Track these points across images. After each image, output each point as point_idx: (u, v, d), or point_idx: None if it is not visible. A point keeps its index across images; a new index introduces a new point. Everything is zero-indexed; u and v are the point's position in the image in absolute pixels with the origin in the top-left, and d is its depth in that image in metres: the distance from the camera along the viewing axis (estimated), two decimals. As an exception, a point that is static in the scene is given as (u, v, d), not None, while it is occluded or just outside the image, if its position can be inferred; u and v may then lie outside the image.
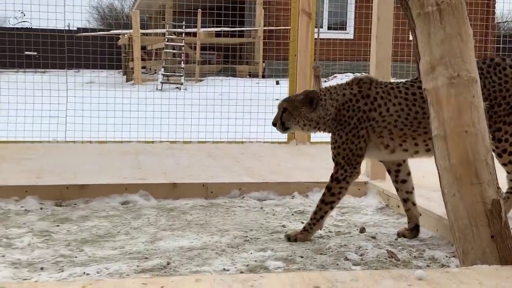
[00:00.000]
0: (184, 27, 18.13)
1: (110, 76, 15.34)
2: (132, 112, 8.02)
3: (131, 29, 18.42)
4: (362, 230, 3.95)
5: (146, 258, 3.37)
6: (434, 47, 2.93)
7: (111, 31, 20.60)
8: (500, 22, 22.65)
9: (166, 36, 18.34)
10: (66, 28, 10.40)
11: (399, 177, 3.89)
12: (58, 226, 4.02)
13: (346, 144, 3.64)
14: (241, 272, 3.15)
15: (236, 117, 8.42)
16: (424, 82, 3.02)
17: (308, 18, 7.04)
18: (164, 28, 19.04)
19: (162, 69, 17.63)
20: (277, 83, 11.69)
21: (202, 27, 18.37)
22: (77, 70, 15.28)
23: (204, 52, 19.66)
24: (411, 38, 3.22)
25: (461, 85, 2.88)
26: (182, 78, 17.27)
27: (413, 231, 3.89)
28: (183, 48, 18.27)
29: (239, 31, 19.29)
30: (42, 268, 3.20)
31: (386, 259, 3.42)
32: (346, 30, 18.63)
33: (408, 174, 3.90)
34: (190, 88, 14.72)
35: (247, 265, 3.27)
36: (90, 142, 7.17)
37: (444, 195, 2.96)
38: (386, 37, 5.01)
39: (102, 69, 16.16)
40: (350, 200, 4.83)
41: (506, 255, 2.81)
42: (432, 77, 2.95)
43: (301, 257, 3.42)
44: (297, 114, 3.72)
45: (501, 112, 3.62)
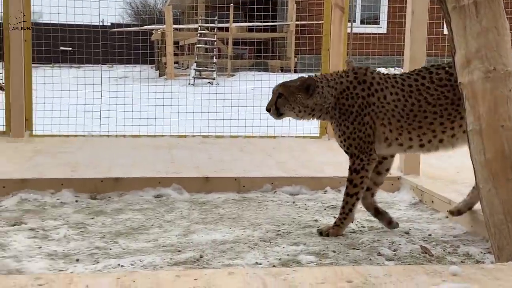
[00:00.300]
0: (216, 22, 18.18)
1: (143, 71, 15.48)
2: (165, 106, 8.08)
3: (164, 24, 18.54)
4: (395, 226, 3.92)
5: (179, 251, 3.41)
6: (470, 40, 2.89)
7: (144, 27, 20.78)
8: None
9: (199, 31, 18.42)
10: (100, 23, 10.50)
11: (377, 168, 3.86)
12: (93, 218, 4.08)
13: (355, 133, 3.61)
14: (274, 266, 3.16)
15: (268, 112, 8.40)
16: (460, 76, 2.98)
17: (341, 12, 6.99)
18: (197, 23, 19.12)
19: (195, 64, 17.71)
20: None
21: (234, 22, 18.39)
22: (111, 65, 15.44)
23: (236, 47, 19.69)
24: (446, 32, 3.18)
25: (497, 79, 2.84)
26: (214, 73, 17.33)
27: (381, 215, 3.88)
28: (215, 43, 18.33)
29: (271, 25, 19.26)
30: (77, 260, 3.25)
31: (419, 254, 3.40)
32: (379, 24, 18.45)
33: (387, 169, 3.90)
34: (222, 83, 14.78)
35: (280, 259, 3.27)
36: (124, 136, 7.25)
37: (479, 190, 2.93)
38: (420, 31, 4.95)
39: (135, 64, 16.32)
40: (383, 195, 4.79)
41: (543, 252, 2.76)
42: (467, 71, 2.91)
43: (334, 251, 3.42)
44: (292, 100, 3.67)
45: None
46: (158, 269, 3.11)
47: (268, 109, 3.73)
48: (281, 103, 3.68)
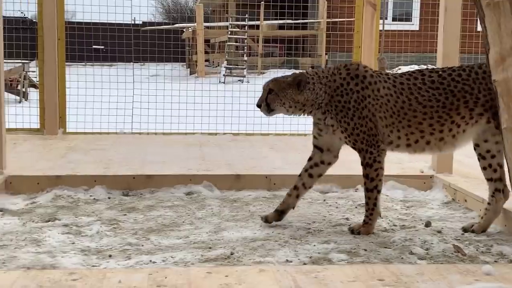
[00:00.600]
0: (247, 20, 18.20)
1: (174, 69, 15.58)
2: (195, 104, 8.12)
3: (195, 22, 18.64)
4: (428, 224, 3.89)
5: (210, 248, 3.43)
6: (505, 37, 2.85)
7: (176, 25, 20.91)
8: None
9: (229, 29, 18.47)
10: (132, 22, 10.61)
11: (311, 169, 3.88)
12: (125, 215, 4.13)
13: (357, 128, 3.62)
14: (304, 264, 3.16)
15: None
16: (494, 73, 2.94)
17: (373, 9, 6.94)
18: (227, 21, 19.18)
19: (225, 62, 17.77)
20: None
21: (265, 19, 18.39)
22: (142, 63, 15.57)
23: (267, 45, 19.69)
24: (479, 29, 3.13)
25: (533, 76, 2.79)
26: (245, 70, 17.36)
27: (277, 213, 3.89)
28: (245, 41, 18.36)
29: (302, 23, 19.21)
30: (110, 256, 3.29)
31: (452, 254, 3.36)
32: (411, 21, 18.27)
33: (319, 175, 3.91)
34: (253, 81, 14.78)
35: (310, 257, 3.27)
36: (155, 133, 7.31)
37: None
38: (454, 28, 4.89)
39: (166, 62, 16.43)
40: (415, 193, 4.75)
41: None
42: (502, 68, 2.87)
43: (365, 250, 3.40)
44: (283, 96, 3.68)
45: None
46: (189, 265, 3.13)
47: (258, 105, 3.74)
48: (271, 99, 3.70)
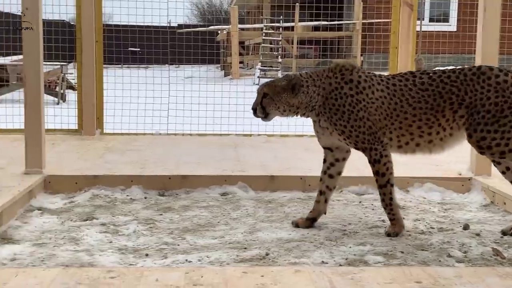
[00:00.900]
0: (281, 21, 18.19)
1: (209, 71, 15.66)
2: (230, 106, 8.14)
3: (229, 24, 18.70)
4: (466, 227, 3.83)
5: (245, 248, 3.43)
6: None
7: (210, 27, 21.02)
8: None
9: (264, 30, 18.49)
10: (168, 24, 10.70)
11: (330, 170, 3.89)
12: (161, 215, 4.16)
13: (355, 131, 3.62)
14: (340, 265, 3.14)
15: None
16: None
17: (410, 10, 6.87)
18: (262, 23, 19.20)
19: (260, 64, 17.79)
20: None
21: (299, 21, 18.36)
22: (177, 65, 15.70)
23: (302, 46, 19.64)
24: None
25: None
26: (279, 72, 17.34)
27: (308, 221, 3.88)
28: (280, 43, 18.35)
29: (337, 24, 19.12)
30: (146, 255, 3.33)
31: (491, 257, 3.30)
32: (448, 22, 18.02)
33: (339, 173, 3.91)
34: (287, 82, 14.73)
35: (346, 259, 3.25)
36: (190, 134, 7.35)
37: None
38: (493, 29, 4.80)
39: (201, 64, 16.53)
40: (452, 196, 4.69)
41: None
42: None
43: (402, 252, 3.37)
44: (278, 100, 3.70)
45: (480, 120, 3.49)
46: (225, 265, 3.14)
47: (254, 109, 3.77)
48: (266, 103, 3.72)
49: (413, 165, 5.36)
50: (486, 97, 3.49)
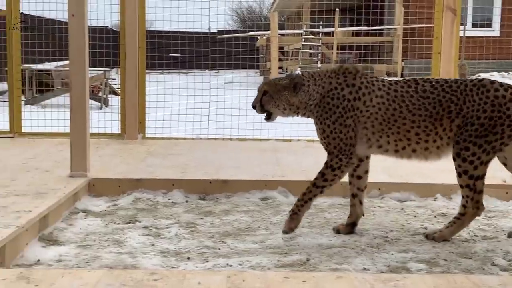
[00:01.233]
0: (321, 26, 18.15)
1: (248, 76, 15.72)
2: (270, 111, 8.15)
3: (269, 30, 18.74)
4: (510, 235, 3.77)
5: (285, 253, 3.44)
6: None
7: (250, 33, 21.11)
8: None
9: (303, 36, 18.47)
10: (207, 30, 10.80)
11: (356, 172, 3.86)
12: (202, 218, 4.20)
13: (335, 133, 3.63)
14: (382, 272, 3.11)
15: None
16: None
17: (453, 15, 6.78)
18: (302, 29, 19.19)
19: (299, 69, 17.77)
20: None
21: (340, 26, 18.28)
22: (217, 70, 15.80)
23: (342, 52, 19.56)
24: None
25: None
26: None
27: (349, 227, 3.87)
28: (319, 48, 18.31)
29: (378, 30, 18.97)
30: (188, 258, 3.36)
31: (537, 266, 3.23)
32: (492, 27, 17.71)
33: (366, 172, 3.89)
34: (327, 88, 14.68)
35: (388, 266, 3.22)
36: (230, 139, 7.40)
37: None
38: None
39: (241, 69, 16.60)
40: (497, 203, 4.60)
41: None
42: None
43: (445, 260, 3.33)
44: (277, 98, 3.72)
45: (472, 132, 3.49)
46: (266, 270, 3.15)
47: (253, 106, 3.80)
48: (266, 101, 3.75)
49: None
50: (483, 109, 3.49)
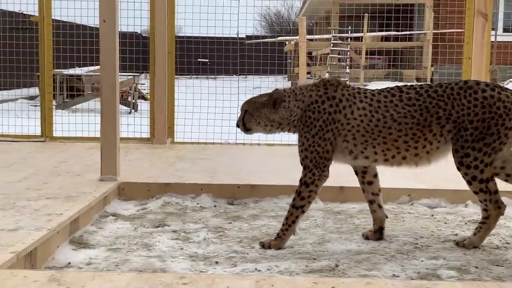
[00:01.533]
0: (350, 31, 18.08)
1: (276, 81, 15.71)
2: (298, 116, 8.14)
3: (297, 35, 18.73)
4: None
5: (314, 259, 3.42)
6: None
7: (279, 38, 21.12)
8: None
9: (332, 41, 18.42)
10: (235, 35, 10.84)
11: (365, 179, 3.84)
12: (230, 223, 4.20)
13: (313, 147, 3.60)
14: (412, 279, 3.08)
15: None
16: None
17: (485, 20, 6.70)
18: (330, 34, 19.14)
19: (327, 75, 17.72)
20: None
21: (369, 31, 18.19)
22: (245, 75, 15.82)
23: (371, 57, 19.45)
24: None
25: None
26: (347, 82, 17.22)
27: (377, 233, 3.84)
28: (348, 53, 18.23)
29: (408, 35, 18.83)
30: (216, 262, 3.37)
31: None
32: (523, 32, 17.46)
33: (375, 175, 3.84)
34: (355, 93, 14.60)
35: (418, 272, 3.19)
36: (259, 144, 7.41)
37: None
38: None
39: (268, 75, 16.61)
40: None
41: None
42: None
43: (476, 267, 3.28)
44: (257, 115, 3.74)
45: (468, 137, 3.45)
46: (294, 275, 3.14)
47: (237, 125, 3.84)
48: (247, 119, 3.78)
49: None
50: (474, 113, 3.45)
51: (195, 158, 6.23)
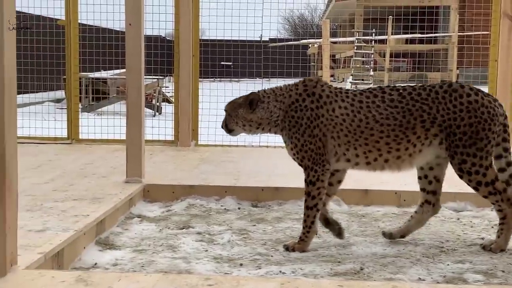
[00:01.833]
0: (374, 34, 18.00)
1: (300, 84, 15.70)
2: (322, 119, 8.13)
3: (320, 38, 18.71)
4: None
5: (339, 262, 3.41)
6: None
7: (302, 41, 21.11)
8: None
9: (356, 44, 18.36)
10: (258, 38, 10.87)
11: (329, 179, 3.77)
12: (254, 225, 4.21)
13: (306, 145, 3.58)
14: (438, 283, 3.06)
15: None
16: None
17: (511, 22, 6.63)
18: (354, 36, 19.08)
19: (351, 77, 17.67)
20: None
21: (393, 34, 18.10)
22: (268, 78, 15.82)
23: (396, 59, 19.34)
24: None
25: None
26: (371, 85, 17.15)
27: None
28: (372, 56, 18.16)
29: (434, 37, 18.70)
30: (241, 264, 3.38)
31: None
32: (551, 33, 17.23)
33: (339, 181, 3.84)
34: (379, 96, 14.53)
35: (444, 276, 3.17)
36: (282, 147, 7.38)
37: None
38: None
39: (292, 78, 16.62)
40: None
41: None
42: None
43: (503, 271, 3.25)
44: (235, 116, 3.76)
45: (458, 142, 3.42)
46: (319, 278, 3.14)
47: (221, 127, 3.90)
48: (228, 120, 3.82)
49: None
50: (460, 117, 3.43)
51: (219, 161, 6.25)
